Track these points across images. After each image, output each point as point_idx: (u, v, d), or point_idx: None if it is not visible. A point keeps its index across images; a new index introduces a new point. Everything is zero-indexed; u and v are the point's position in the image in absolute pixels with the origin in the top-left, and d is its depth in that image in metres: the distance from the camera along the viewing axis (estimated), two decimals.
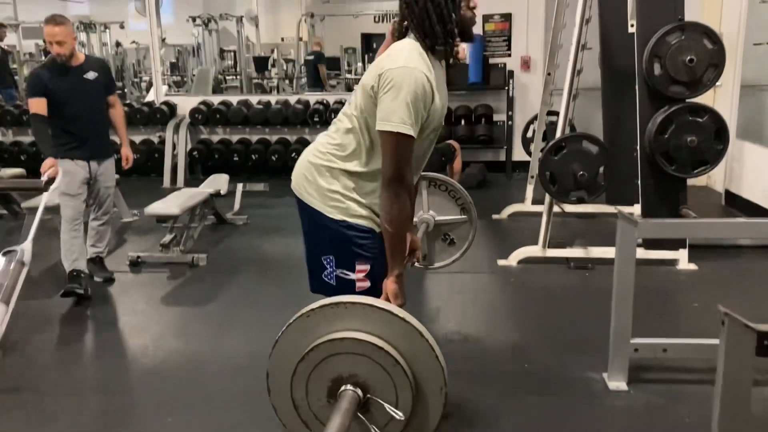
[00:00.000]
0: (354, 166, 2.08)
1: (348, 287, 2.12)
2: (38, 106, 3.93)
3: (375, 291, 2.10)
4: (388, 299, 2.05)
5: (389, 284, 2.06)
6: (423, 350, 1.68)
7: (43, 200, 3.77)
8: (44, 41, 4.56)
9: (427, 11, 2.00)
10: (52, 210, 4.68)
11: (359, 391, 1.68)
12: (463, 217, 3.08)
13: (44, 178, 3.78)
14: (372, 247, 2.12)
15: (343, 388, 1.69)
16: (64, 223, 4.11)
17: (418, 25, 2.02)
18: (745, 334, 1.64)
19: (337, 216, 2.09)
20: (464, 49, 8.68)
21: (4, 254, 3.29)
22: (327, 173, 2.11)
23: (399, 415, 1.67)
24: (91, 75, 4.08)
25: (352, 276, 2.12)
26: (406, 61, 1.95)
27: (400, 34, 2.10)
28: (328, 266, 2.14)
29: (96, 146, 4.16)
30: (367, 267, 2.12)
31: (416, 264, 2.68)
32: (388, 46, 2.15)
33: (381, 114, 1.95)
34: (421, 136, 2.02)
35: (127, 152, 4.44)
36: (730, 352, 1.68)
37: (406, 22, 2.08)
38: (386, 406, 1.66)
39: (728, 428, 1.72)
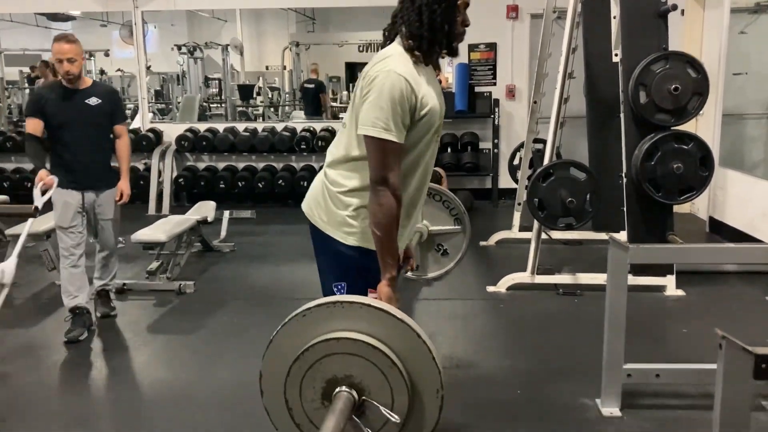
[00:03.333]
0: (356, 182, 2.04)
1: None
2: (32, 126, 3.82)
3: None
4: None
5: (383, 288, 2.02)
6: (420, 352, 1.64)
7: (28, 224, 3.72)
8: (30, 69, 4.48)
9: (420, 14, 1.98)
10: (36, 237, 4.63)
11: (354, 393, 1.64)
12: (456, 227, 3.04)
13: (38, 187, 3.69)
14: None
15: (337, 389, 1.65)
16: (61, 258, 3.95)
17: (408, 25, 2.00)
18: (743, 357, 1.64)
19: (352, 242, 2.06)
20: (447, 78, 8.80)
21: None
22: (335, 198, 2.08)
23: (395, 417, 1.63)
24: (93, 101, 3.86)
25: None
26: (384, 65, 1.95)
27: (388, 37, 2.09)
28: (338, 293, 2.09)
29: (92, 176, 3.93)
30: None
31: (409, 273, 2.65)
32: None
33: (362, 117, 1.94)
34: (421, 140, 2.02)
35: (124, 186, 4.07)
36: (729, 375, 1.68)
37: (396, 23, 2.05)
38: (382, 408, 1.63)
39: None
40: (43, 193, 3.70)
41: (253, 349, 3.70)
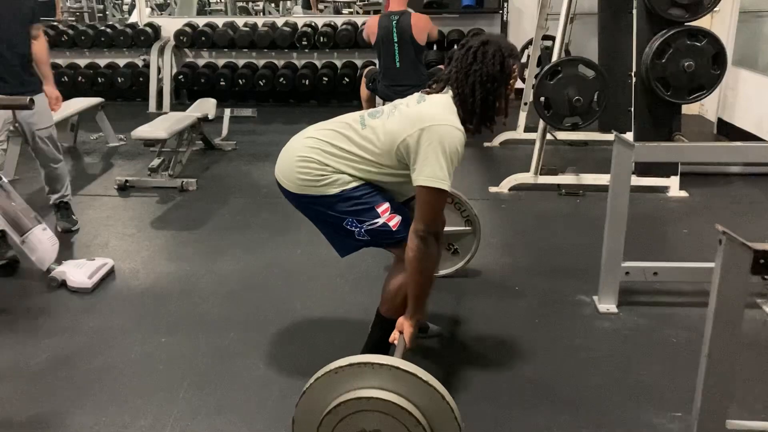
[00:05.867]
0: (343, 166, 2.15)
1: (383, 233, 2.17)
2: None
3: (407, 218, 2.17)
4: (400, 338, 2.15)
5: (407, 327, 2.14)
6: (443, 412, 1.73)
7: None
8: None
9: (473, 89, 2.05)
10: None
11: None
12: (467, 228, 3.14)
13: None
14: (374, 190, 2.19)
15: None
16: None
17: (461, 96, 2.08)
18: (741, 252, 1.64)
19: (334, 191, 2.15)
20: None
21: None
22: (313, 160, 2.16)
23: None
24: None
25: (381, 220, 2.16)
26: (454, 121, 2.04)
27: (437, 84, 2.15)
28: (354, 228, 2.18)
29: (18, 80, 3.50)
30: (387, 204, 2.18)
31: None
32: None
33: (428, 170, 2.00)
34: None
35: (51, 90, 3.74)
36: (726, 270, 1.68)
37: (446, 81, 2.13)
38: None
39: (719, 346, 1.75)
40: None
41: (254, 244, 3.77)
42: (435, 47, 7.31)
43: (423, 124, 2.02)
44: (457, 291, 3.15)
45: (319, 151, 2.16)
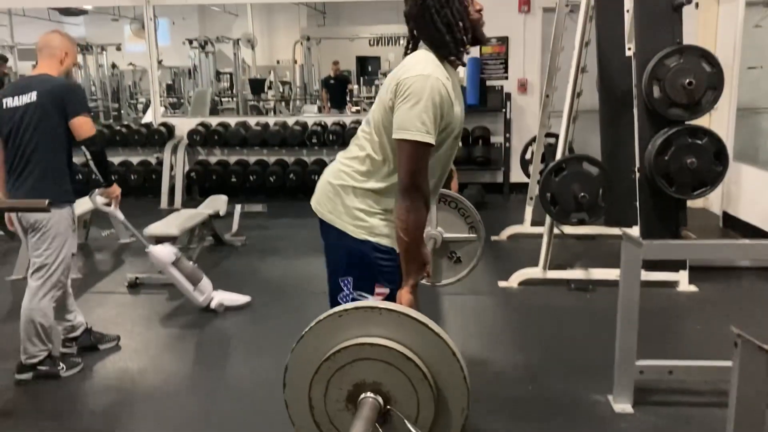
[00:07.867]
0: (372, 184, 2.04)
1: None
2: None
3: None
4: None
5: (404, 294, 2.01)
6: (452, 369, 1.63)
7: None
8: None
9: (434, 23, 2.00)
10: None
11: (380, 401, 1.61)
12: (471, 235, 3.04)
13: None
14: (393, 271, 2.08)
15: (364, 395, 1.62)
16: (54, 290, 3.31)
17: (428, 38, 2.03)
18: (758, 355, 1.63)
19: (362, 236, 2.05)
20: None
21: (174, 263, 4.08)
22: (349, 192, 2.07)
23: None
24: None
25: (370, 299, 2.07)
26: (422, 69, 1.94)
27: (411, 48, 2.10)
28: (345, 288, 2.09)
29: None
30: (387, 291, 2.09)
31: (424, 279, 2.63)
32: None
33: (398, 122, 1.93)
34: (443, 144, 2.02)
35: None
36: (744, 373, 1.67)
37: (414, 38, 2.08)
38: (406, 421, 1.60)
39: None
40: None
41: (264, 342, 3.75)
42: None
43: (397, 80, 1.96)
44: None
45: (342, 174, 2.10)
